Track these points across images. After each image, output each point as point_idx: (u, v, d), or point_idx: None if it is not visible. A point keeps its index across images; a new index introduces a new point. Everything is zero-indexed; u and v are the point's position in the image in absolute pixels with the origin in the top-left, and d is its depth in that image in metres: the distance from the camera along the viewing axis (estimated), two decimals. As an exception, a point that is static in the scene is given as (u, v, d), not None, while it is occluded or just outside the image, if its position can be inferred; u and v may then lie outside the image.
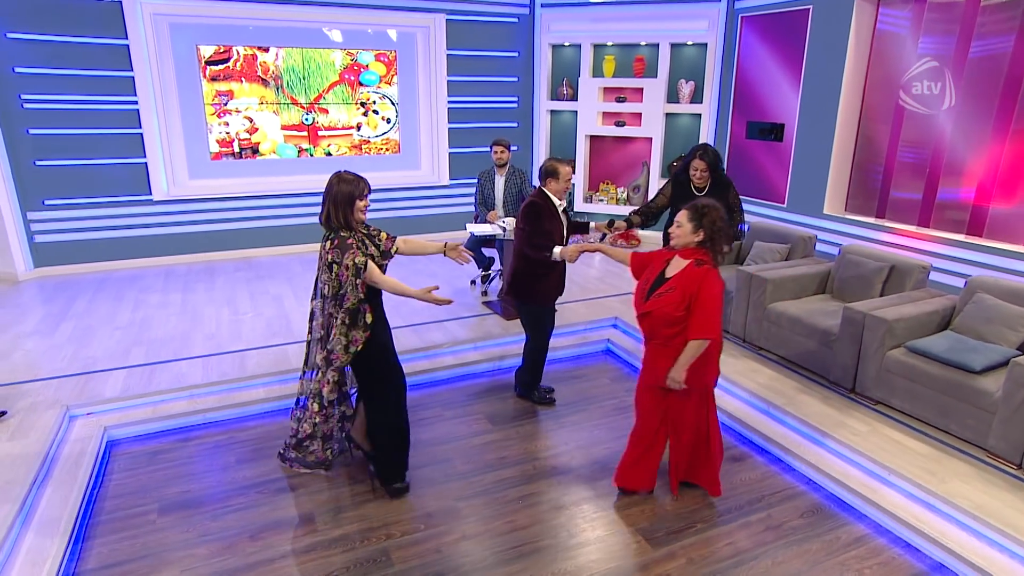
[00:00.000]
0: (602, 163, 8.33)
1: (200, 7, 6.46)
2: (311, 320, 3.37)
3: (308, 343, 3.41)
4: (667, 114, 7.81)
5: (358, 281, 3.02)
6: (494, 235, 5.59)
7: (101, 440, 3.75)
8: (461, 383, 4.69)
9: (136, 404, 4.06)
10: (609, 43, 7.81)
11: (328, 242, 3.08)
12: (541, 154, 8.40)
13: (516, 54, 8.02)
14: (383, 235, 3.30)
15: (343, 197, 3.03)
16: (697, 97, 7.62)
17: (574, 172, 4.17)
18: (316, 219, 3.25)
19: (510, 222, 5.34)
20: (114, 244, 6.68)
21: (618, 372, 4.90)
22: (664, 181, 5.91)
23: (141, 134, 6.49)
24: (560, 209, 3.95)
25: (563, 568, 2.89)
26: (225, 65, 6.71)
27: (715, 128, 7.58)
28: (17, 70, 6.01)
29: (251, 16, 6.65)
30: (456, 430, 4.04)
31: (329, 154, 7.43)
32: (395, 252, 3.32)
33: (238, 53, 6.74)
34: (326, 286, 3.10)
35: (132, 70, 6.31)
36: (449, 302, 3.27)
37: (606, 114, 7.98)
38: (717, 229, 2.88)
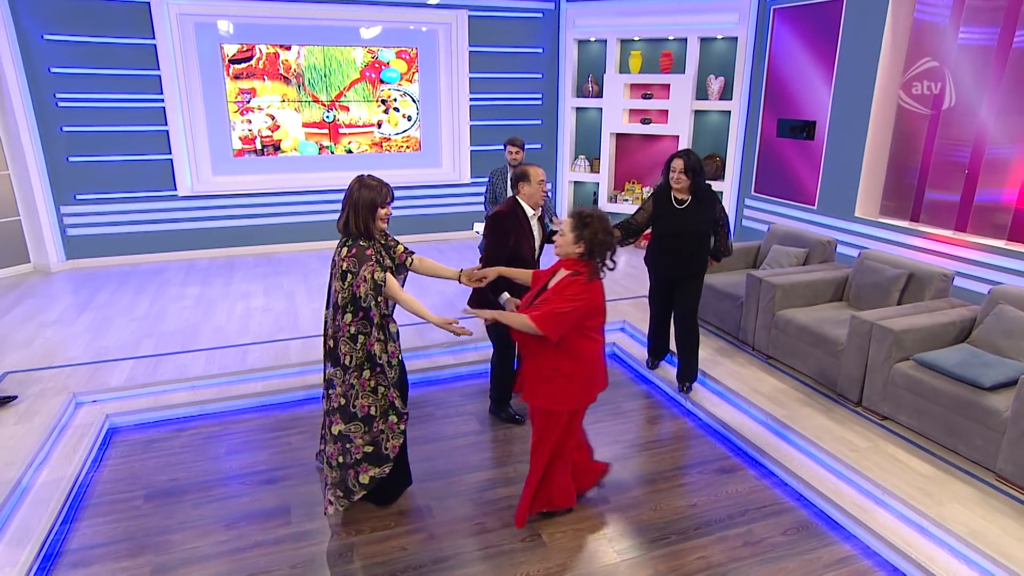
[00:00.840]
0: (628, 162, 8.27)
1: (224, 6, 6.75)
2: (325, 330, 3.13)
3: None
4: (696, 111, 7.70)
5: (380, 298, 2.90)
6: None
7: (102, 427, 4.00)
8: (457, 383, 4.77)
9: (139, 394, 4.30)
10: (636, 38, 7.75)
11: (344, 248, 2.95)
12: (566, 153, 8.40)
13: (540, 50, 8.04)
14: (400, 248, 3.22)
15: (365, 203, 2.91)
16: (727, 93, 7.48)
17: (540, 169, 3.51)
18: (331, 216, 3.24)
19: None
20: (140, 238, 7.05)
21: (621, 377, 4.88)
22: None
23: (167, 131, 6.84)
24: (534, 218, 3.73)
25: (524, 572, 2.92)
26: (248, 63, 6.99)
27: (745, 125, 7.42)
28: (52, 70, 6.42)
29: (274, 15, 6.91)
30: (444, 430, 4.12)
31: (350, 151, 7.64)
32: (410, 267, 3.24)
33: (261, 51, 7.01)
34: (338, 295, 2.94)
35: (159, 69, 6.65)
36: (469, 334, 3.07)
37: (632, 111, 7.92)
38: (598, 242, 2.78)
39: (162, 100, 6.75)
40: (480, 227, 5.81)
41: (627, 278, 6.72)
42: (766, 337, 4.70)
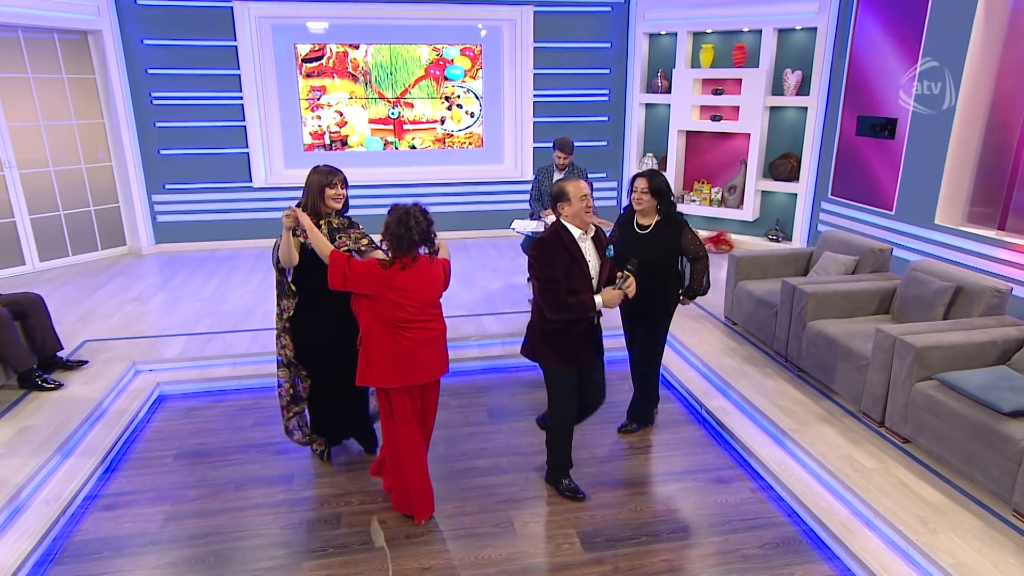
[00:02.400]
0: (698, 161, 8.22)
1: (298, 8, 7.45)
2: None
3: None
4: (771, 107, 7.54)
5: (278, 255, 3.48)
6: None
7: (152, 394, 4.67)
8: (479, 376, 5.08)
9: (188, 366, 4.95)
10: (708, 30, 7.70)
11: None
12: (633, 150, 8.48)
13: (609, 45, 8.18)
14: (364, 240, 3.63)
15: (314, 186, 3.48)
16: (804, 88, 7.28)
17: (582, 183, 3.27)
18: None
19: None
20: (218, 226, 7.92)
21: (643, 381, 4.99)
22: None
23: (244, 127, 7.64)
24: (585, 240, 3.24)
25: (486, 555, 3.18)
26: (319, 62, 7.66)
27: (823, 123, 7.19)
28: (149, 71, 7.37)
29: (344, 15, 7.53)
30: (453, 418, 4.44)
31: (413, 147, 8.15)
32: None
33: (331, 51, 7.66)
34: None
35: (239, 68, 7.46)
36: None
37: (703, 108, 7.88)
38: (391, 233, 3.08)
39: (241, 97, 7.56)
40: (519, 225, 6.09)
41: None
42: (797, 348, 4.65)
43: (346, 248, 3.49)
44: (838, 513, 3.33)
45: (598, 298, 3.20)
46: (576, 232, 3.21)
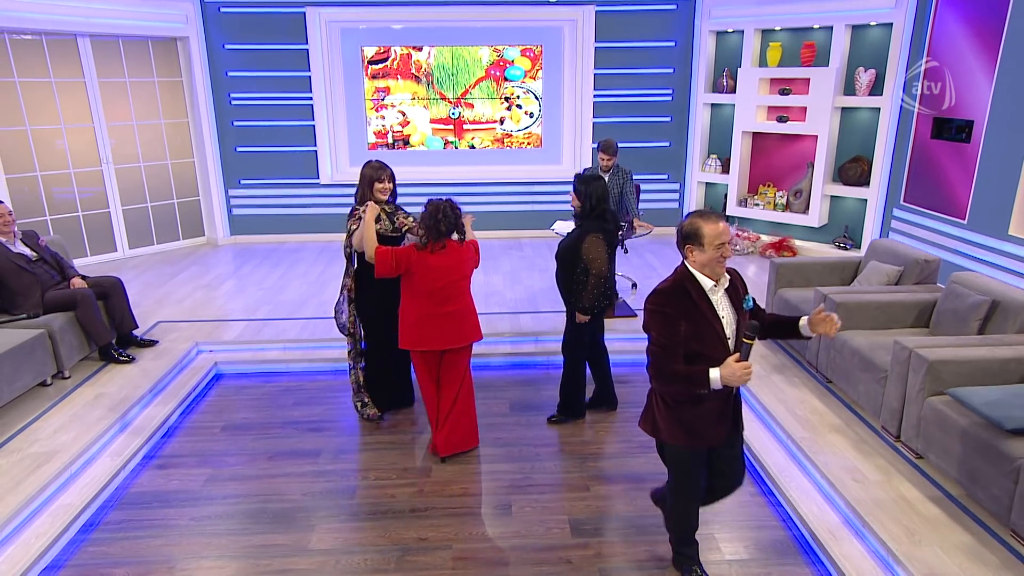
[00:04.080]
0: (763, 163, 8.28)
1: (366, 12, 8.12)
2: None
3: None
4: (841, 108, 7.52)
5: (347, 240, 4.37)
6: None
7: (210, 372, 5.38)
8: (509, 371, 5.49)
9: (243, 348, 5.65)
10: (777, 28, 7.77)
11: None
12: (696, 152, 8.63)
13: (673, 43, 8.38)
14: (409, 220, 4.43)
15: (366, 179, 4.32)
16: (877, 88, 7.23)
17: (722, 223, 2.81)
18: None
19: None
20: (287, 220, 8.74)
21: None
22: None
23: (313, 126, 8.42)
24: (717, 292, 2.74)
25: (479, 532, 3.60)
26: (384, 64, 8.31)
27: (897, 125, 7.12)
28: (229, 74, 8.26)
29: (409, 18, 8.14)
30: (476, 408, 4.87)
31: (472, 147, 8.68)
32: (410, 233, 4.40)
33: (395, 53, 8.29)
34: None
35: (309, 70, 8.23)
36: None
37: (770, 108, 7.94)
38: (424, 225, 3.96)
39: (311, 98, 8.33)
40: (560, 226, 6.44)
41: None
42: (826, 358, 4.78)
43: (405, 228, 4.36)
44: (828, 521, 3.52)
45: (715, 373, 2.62)
46: (707, 283, 2.71)
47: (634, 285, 6.84)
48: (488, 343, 5.76)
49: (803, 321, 2.90)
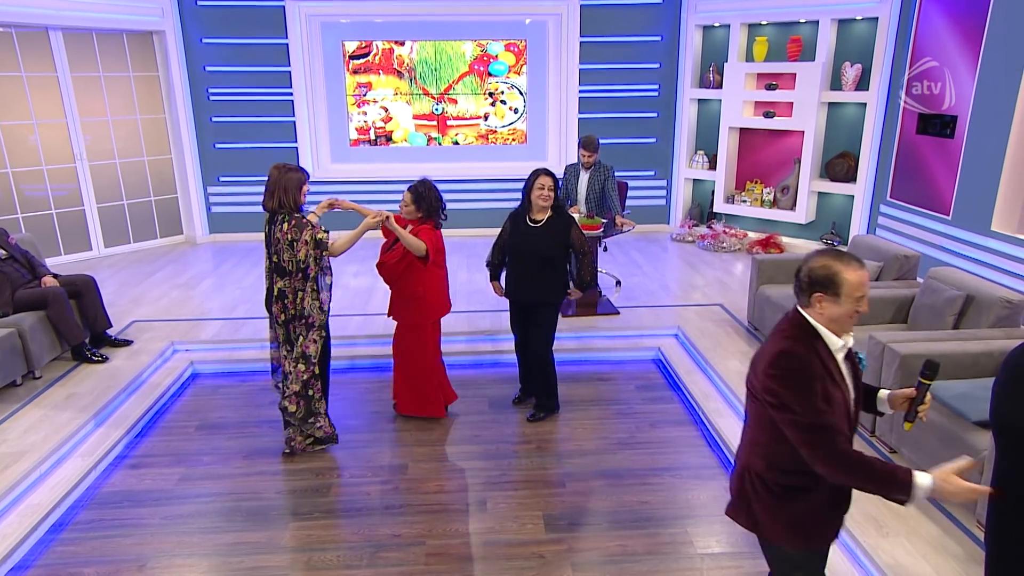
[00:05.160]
0: (750, 159, 8.41)
1: (347, 6, 8.22)
2: (282, 299, 4.09)
3: (278, 318, 4.18)
4: (828, 103, 7.66)
5: (320, 252, 4.02)
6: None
7: (186, 371, 5.46)
8: (490, 369, 5.59)
9: (220, 348, 5.73)
10: (763, 22, 7.90)
11: (285, 224, 3.95)
12: (683, 148, 8.75)
13: (659, 38, 8.50)
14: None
15: (293, 183, 3.97)
16: (863, 83, 7.37)
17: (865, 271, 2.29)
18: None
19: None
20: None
21: (650, 380, 5.36)
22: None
23: (294, 122, 8.50)
24: (842, 352, 2.25)
25: (454, 528, 3.69)
26: (365, 59, 8.41)
27: (883, 120, 7.26)
28: (207, 69, 8.34)
29: (390, 12, 8.24)
30: (454, 406, 4.96)
31: (456, 143, 8.78)
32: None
33: (377, 47, 8.39)
34: (289, 263, 3.98)
35: (289, 65, 8.31)
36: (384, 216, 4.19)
37: (757, 103, 8.08)
38: (432, 207, 4.38)
39: (291, 94, 8.41)
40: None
41: (716, 284, 7.02)
42: (807, 354, 4.89)
43: (324, 231, 4.10)
44: (801, 514, 3.63)
45: (923, 479, 2.07)
46: (835, 342, 2.21)
47: (618, 283, 6.96)
48: (469, 340, 5.87)
49: (883, 393, 2.44)
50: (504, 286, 4.75)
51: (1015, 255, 5.70)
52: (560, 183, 6.66)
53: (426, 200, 4.35)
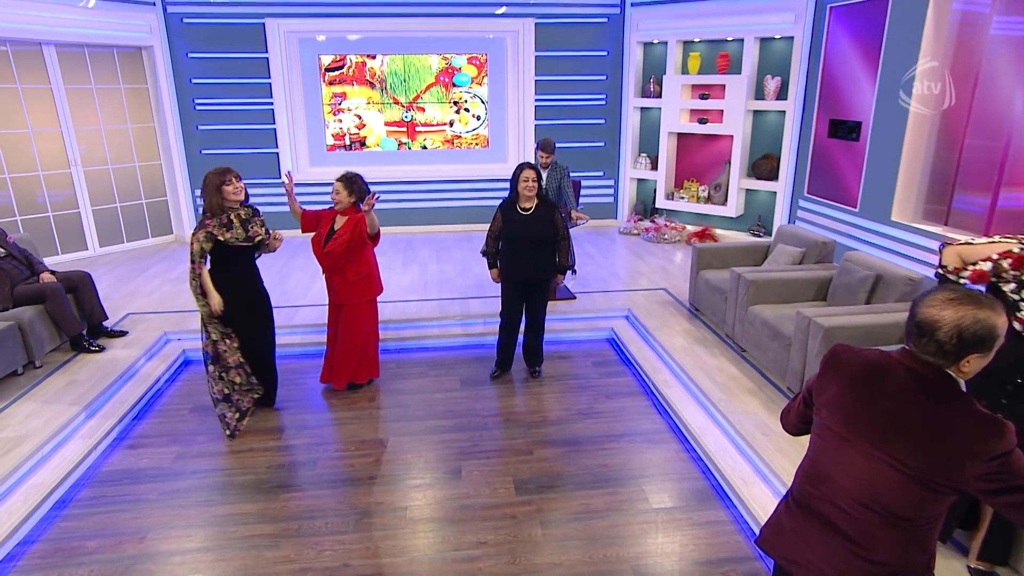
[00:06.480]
0: (687, 160, 8.44)
1: (322, 23, 7.96)
2: None
3: None
4: (753, 111, 7.72)
5: (193, 264, 3.87)
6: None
7: (178, 359, 5.22)
8: (459, 351, 5.47)
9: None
10: (696, 39, 7.91)
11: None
12: (628, 151, 8.74)
13: (605, 53, 8.45)
14: (262, 231, 4.00)
15: (212, 186, 3.85)
16: (783, 93, 7.44)
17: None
18: (409, 204, 4.20)
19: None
20: (253, 217, 8.51)
21: (605, 357, 5.32)
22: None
23: (274, 129, 8.21)
24: None
25: (431, 494, 3.60)
26: (340, 71, 8.17)
27: (799, 125, 7.34)
28: (193, 81, 7.99)
29: (362, 29, 8.01)
30: (428, 385, 4.86)
31: (425, 148, 8.60)
32: (266, 245, 4.08)
33: (351, 61, 8.15)
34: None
35: (269, 78, 8.01)
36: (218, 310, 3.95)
37: (692, 111, 8.10)
38: (363, 191, 4.31)
39: (271, 103, 8.12)
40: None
41: (660, 272, 7.02)
42: (741, 330, 4.92)
43: (259, 237, 3.98)
44: (741, 469, 3.64)
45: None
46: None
47: (574, 271, 6.91)
48: (441, 325, 5.75)
49: None
50: (501, 271, 4.68)
51: (911, 241, 5.82)
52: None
53: (356, 186, 4.30)
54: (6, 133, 6.96)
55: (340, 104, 8.32)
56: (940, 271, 2.90)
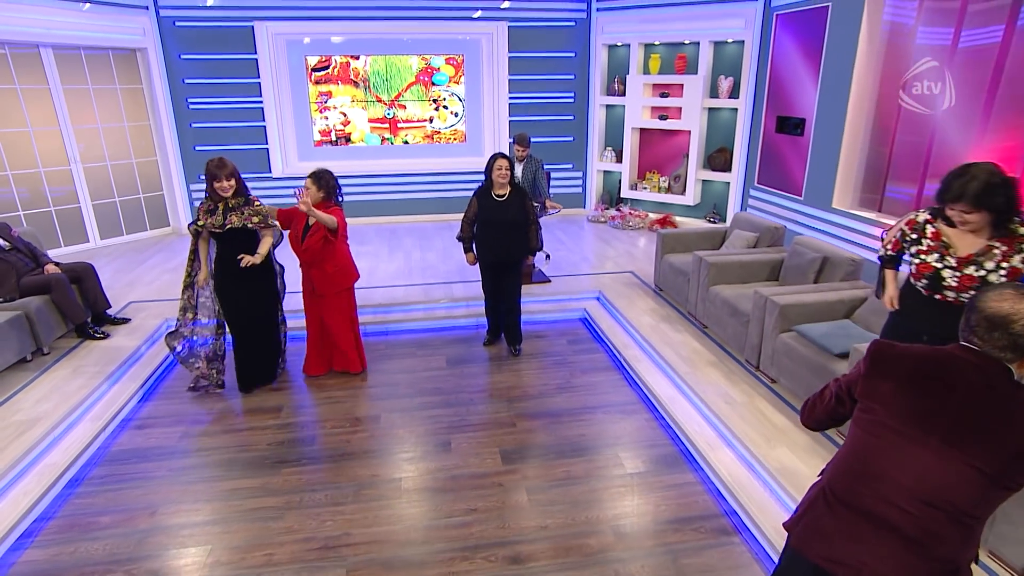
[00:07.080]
0: (649, 153, 8.42)
1: (308, 26, 7.70)
2: None
3: None
4: (708, 108, 7.71)
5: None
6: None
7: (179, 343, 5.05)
8: (447, 332, 5.39)
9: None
10: (656, 42, 7.85)
11: None
12: (595, 145, 8.68)
13: (573, 54, 8.35)
14: (256, 219, 4.00)
15: (207, 176, 3.95)
16: (735, 92, 7.44)
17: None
18: (392, 195, 4.06)
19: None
20: (247, 210, 8.27)
21: (578, 335, 5.30)
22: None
23: (264, 126, 7.95)
24: None
25: (424, 466, 3.54)
26: (326, 71, 7.92)
27: (750, 121, 7.36)
28: (186, 81, 7.68)
29: (346, 31, 7.77)
30: (417, 364, 4.78)
31: (406, 143, 8.42)
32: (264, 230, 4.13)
33: (336, 61, 7.91)
34: None
35: (259, 77, 7.74)
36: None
37: (653, 108, 8.06)
38: (331, 187, 4.15)
39: (261, 102, 7.86)
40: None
41: (626, 256, 7.02)
42: (703, 309, 4.94)
43: (231, 225, 3.93)
44: (706, 435, 3.66)
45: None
46: None
47: (547, 256, 6.86)
48: (425, 308, 5.67)
49: None
50: (477, 254, 4.63)
51: (850, 226, 5.89)
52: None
53: (325, 181, 4.17)
54: (6, 132, 6.61)
55: (326, 102, 8.09)
56: (882, 253, 3.02)
